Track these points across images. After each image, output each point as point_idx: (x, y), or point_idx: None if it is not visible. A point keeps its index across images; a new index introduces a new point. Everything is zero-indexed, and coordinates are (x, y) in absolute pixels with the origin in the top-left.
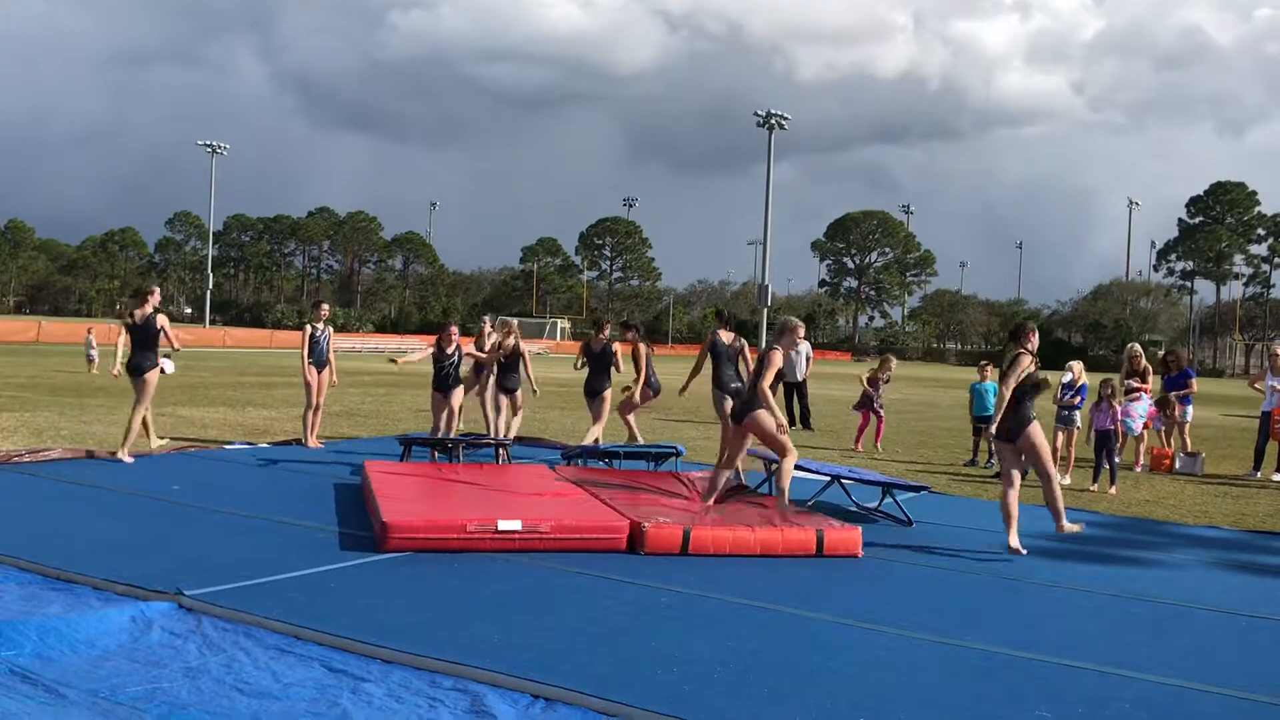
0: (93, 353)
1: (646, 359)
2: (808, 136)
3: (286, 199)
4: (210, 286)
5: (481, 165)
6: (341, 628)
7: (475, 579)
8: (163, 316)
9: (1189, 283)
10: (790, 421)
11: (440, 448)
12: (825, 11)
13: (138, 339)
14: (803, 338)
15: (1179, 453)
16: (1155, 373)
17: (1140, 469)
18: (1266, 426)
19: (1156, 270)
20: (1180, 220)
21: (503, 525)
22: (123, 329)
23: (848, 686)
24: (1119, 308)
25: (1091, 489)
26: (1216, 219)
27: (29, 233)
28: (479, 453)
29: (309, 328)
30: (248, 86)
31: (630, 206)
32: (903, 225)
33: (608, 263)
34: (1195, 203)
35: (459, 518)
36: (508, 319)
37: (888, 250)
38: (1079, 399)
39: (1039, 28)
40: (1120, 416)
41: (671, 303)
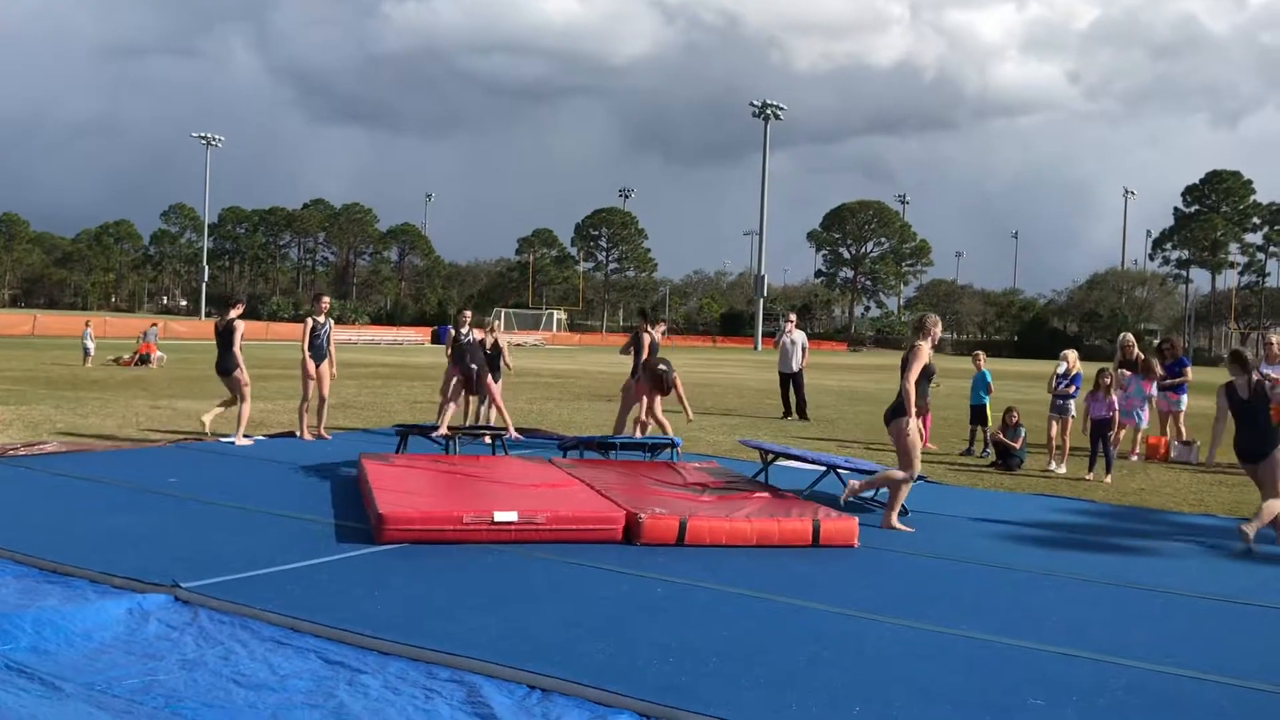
0: (89, 345)
1: (649, 348)
2: (804, 127)
3: (281, 191)
4: (206, 279)
5: (477, 157)
6: (338, 619)
7: (471, 570)
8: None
9: (1184, 272)
10: (786, 411)
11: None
12: (821, 2)
13: (219, 342)
14: (797, 327)
15: (1174, 441)
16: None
17: (1136, 458)
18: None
19: (1152, 259)
20: (1176, 209)
21: (499, 517)
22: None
23: (844, 676)
24: (1115, 297)
25: (1087, 477)
26: (1212, 208)
27: (24, 226)
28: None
29: (310, 321)
30: (243, 79)
31: (626, 197)
32: (898, 215)
33: (604, 254)
34: (1191, 192)
35: (455, 509)
36: (484, 318)
37: (884, 240)
38: (1074, 388)
39: (1034, 17)
40: (1127, 408)
41: (668, 294)
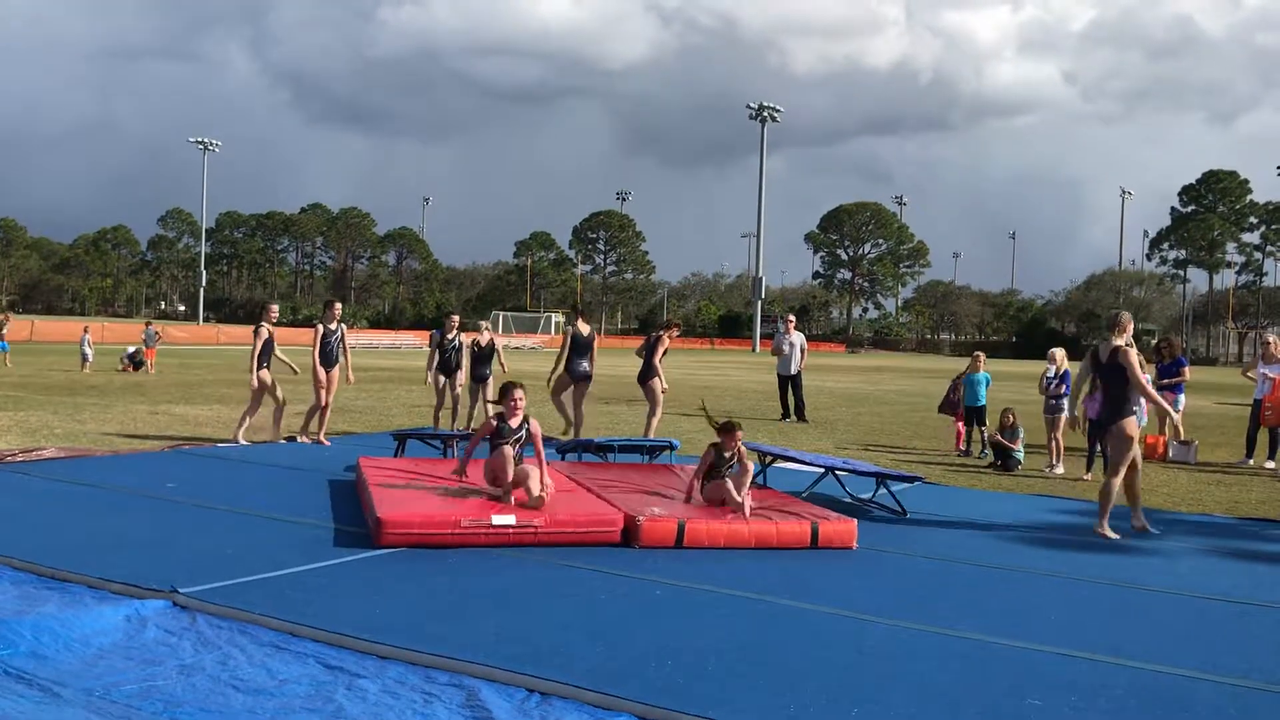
0: (87, 351)
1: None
2: (801, 129)
3: (279, 195)
4: (204, 284)
5: (474, 160)
6: (336, 624)
7: (470, 574)
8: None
9: (1182, 271)
10: (785, 413)
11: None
12: (817, 4)
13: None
14: (796, 329)
15: (1172, 441)
16: (1149, 361)
17: None
18: (1258, 414)
19: (1149, 259)
20: (1173, 209)
21: (497, 520)
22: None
23: (843, 677)
24: (1112, 297)
25: (1085, 477)
26: (1209, 207)
27: (21, 231)
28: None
29: (320, 327)
30: (239, 82)
31: (624, 200)
32: (896, 217)
33: (601, 256)
34: (1187, 191)
35: (453, 513)
36: (480, 322)
37: (881, 242)
38: (1064, 387)
39: (1030, 18)
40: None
41: (666, 296)
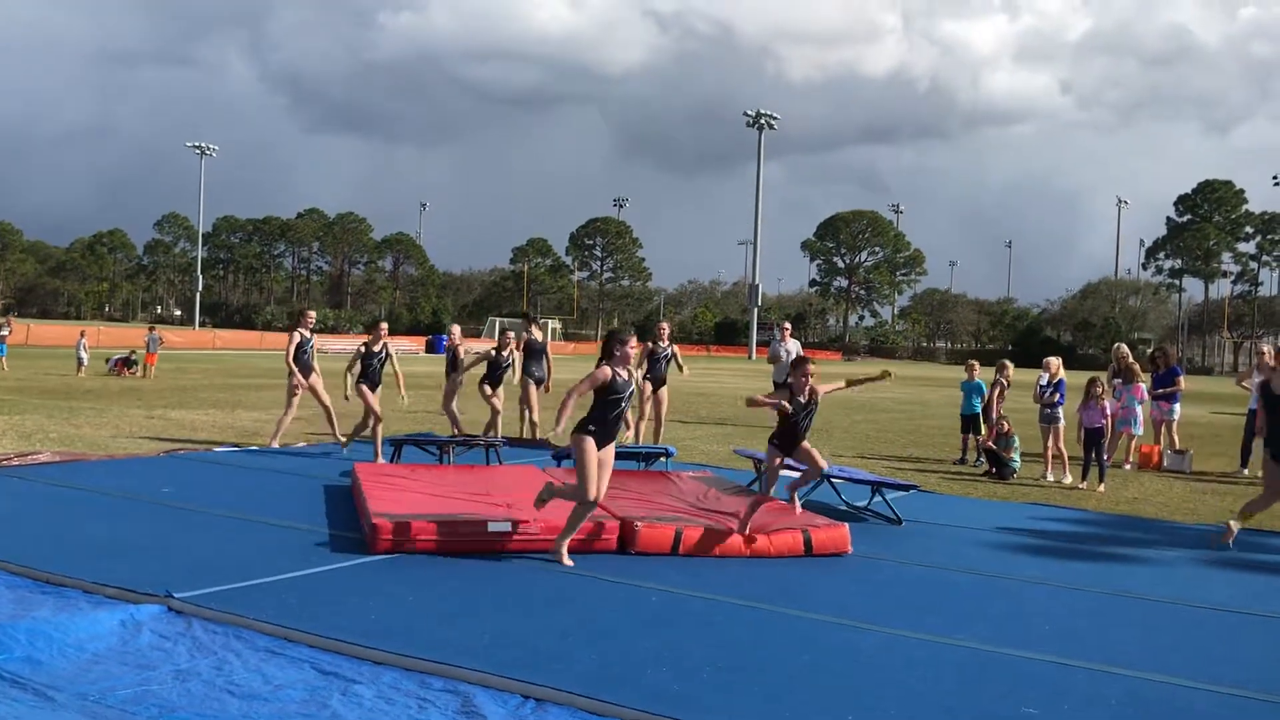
0: (83, 355)
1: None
2: (798, 136)
3: (276, 200)
4: (200, 288)
5: (471, 165)
6: (332, 629)
7: (465, 580)
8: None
9: (1178, 281)
10: None
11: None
12: (814, 12)
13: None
14: (792, 336)
15: (1167, 450)
16: (1144, 370)
17: (1129, 466)
18: (1253, 424)
19: (1145, 268)
20: (1168, 219)
21: (493, 526)
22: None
23: (837, 685)
24: (1108, 306)
25: (1081, 486)
26: (1204, 217)
27: (17, 235)
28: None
29: (296, 334)
30: (237, 87)
31: (621, 207)
32: (892, 225)
33: (598, 263)
34: (1183, 201)
35: (449, 519)
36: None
37: (878, 250)
38: (1058, 396)
39: (1026, 28)
40: (1125, 417)
41: (662, 303)
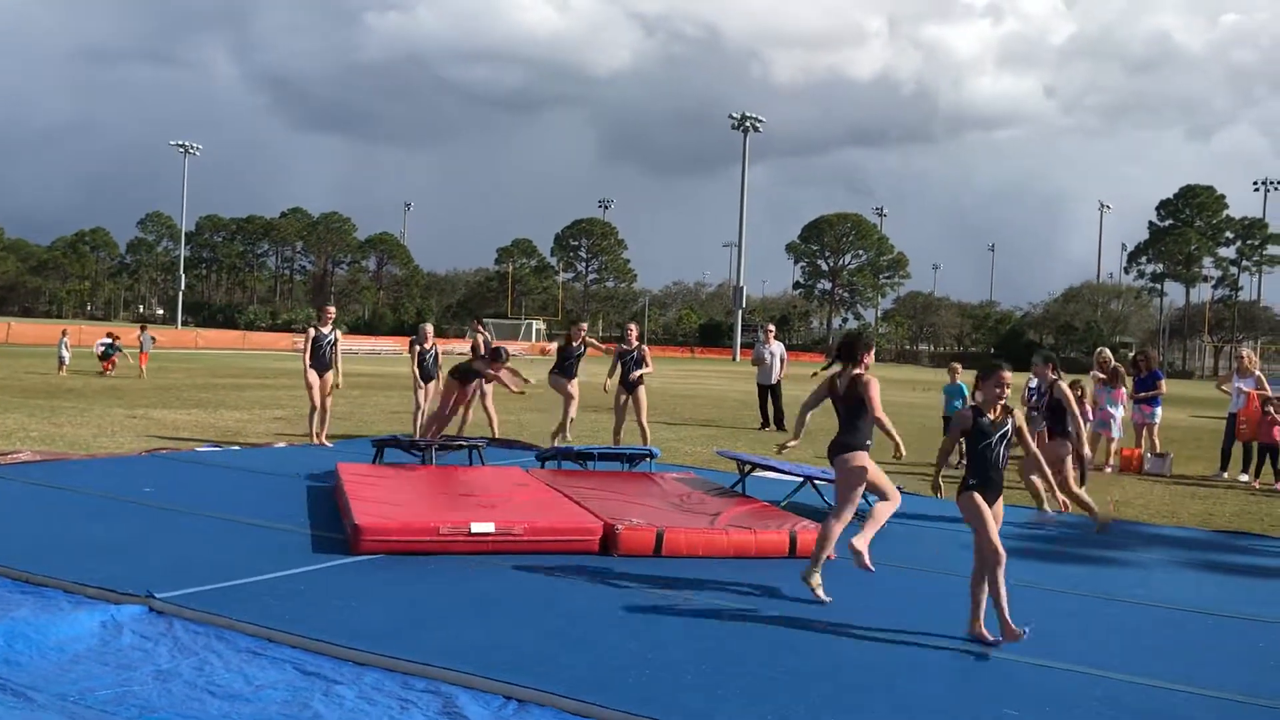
0: (65, 354)
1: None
2: (783, 139)
3: (259, 199)
4: (182, 288)
5: (456, 166)
6: (314, 630)
7: (448, 581)
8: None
9: (1159, 285)
10: (764, 423)
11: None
12: (800, 16)
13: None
14: (776, 338)
15: (1148, 453)
16: (1127, 373)
17: (1110, 470)
18: (1233, 428)
19: (1127, 272)
20: (1150, 223)
21: (476, 528)
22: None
23: (821, 687)
24: (1090, 310)
25: None
26: (1186, 222)
27: None
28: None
29: (312, 330)
30: (221, 86)
31: (606, 208)
32: (876, 228)
33: (583, 264)
34: (1165, 206)
35: (432, 520)
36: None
37: (861, 252)
38: (1044, 400)
39: (1010, 32)
40: (1103, 419)
41: (647, 304)
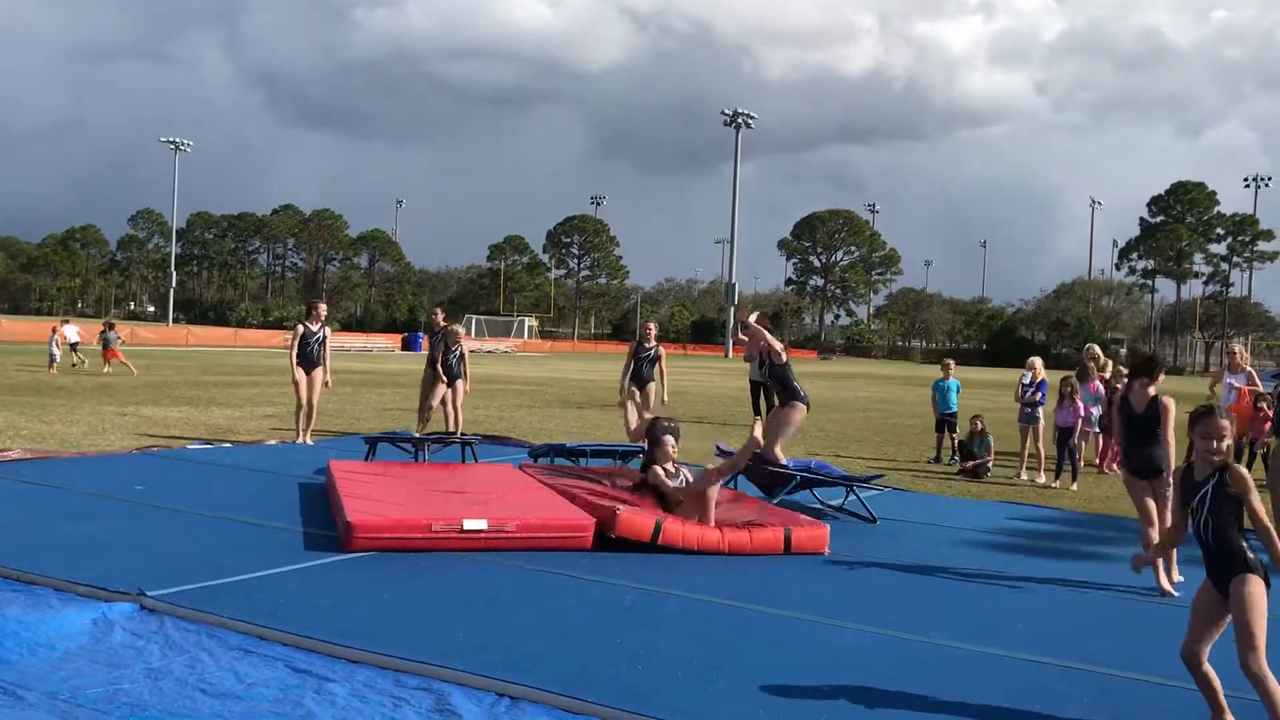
0: (55, 351)
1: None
2: (774, 136)
3: (251, 196)
4: (174, 285)
5: (448, 163)
6: (305, 628)
7: (440, 579)
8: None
9: (1150, 281)
10: (757, 417)
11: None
12: (792, 12)
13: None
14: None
15: None
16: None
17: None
18: None
19: (1118, 269)
20: (1141, 219)
21: (468, 525)
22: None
23: (812, 683)
24: (1081, 306)
25: (1054, 485)
26: (1177, 218)
27: None
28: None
29: (300, 327)
30: (212, 83)
31: (598, 205)
32: (868, 224)
33: (575, 261)
34: (1156, 202)
35: (424, 517)
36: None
37: (853, 249)
38: (1040, 395)
39: (1001, 29)
40: (1087, 416)
41: (639, 301)
